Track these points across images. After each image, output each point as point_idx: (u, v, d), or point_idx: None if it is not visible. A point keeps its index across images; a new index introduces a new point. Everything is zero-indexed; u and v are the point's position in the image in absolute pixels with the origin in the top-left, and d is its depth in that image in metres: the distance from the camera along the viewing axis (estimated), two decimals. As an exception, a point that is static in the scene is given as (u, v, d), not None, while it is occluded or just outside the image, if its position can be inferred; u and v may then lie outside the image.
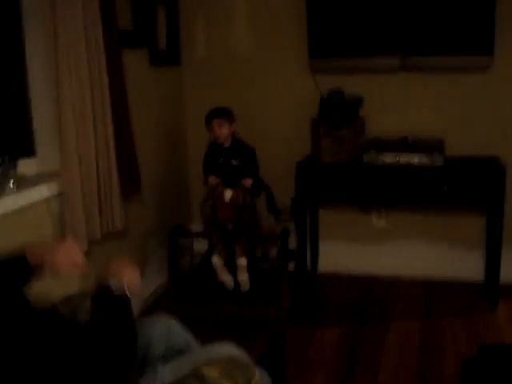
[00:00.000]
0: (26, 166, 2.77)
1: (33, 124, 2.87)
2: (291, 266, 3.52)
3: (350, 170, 3.52)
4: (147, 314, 3.53)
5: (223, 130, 3.34)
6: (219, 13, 3.97)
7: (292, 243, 3.48)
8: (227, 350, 1.92)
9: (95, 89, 2.80)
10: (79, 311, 2.05)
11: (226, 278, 3.26)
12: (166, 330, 2.08)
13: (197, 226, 4.10)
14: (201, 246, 3.80)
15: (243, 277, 3.25)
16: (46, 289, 1.83)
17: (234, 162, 3.36)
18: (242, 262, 3.22)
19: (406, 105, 3.77)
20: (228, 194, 3.15)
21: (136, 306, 3.50)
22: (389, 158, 3.44)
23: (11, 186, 2.51)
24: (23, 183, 2.61)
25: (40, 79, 2.81)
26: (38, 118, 2.86)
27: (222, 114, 3.35)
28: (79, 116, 2.72)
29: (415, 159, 3.40)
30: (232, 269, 3.28)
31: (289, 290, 3.35)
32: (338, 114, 3.58)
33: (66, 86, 2.64)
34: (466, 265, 3.89)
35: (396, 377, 2.87)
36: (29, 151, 2.87)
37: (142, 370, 1.89)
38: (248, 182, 3.23)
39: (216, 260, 3.24)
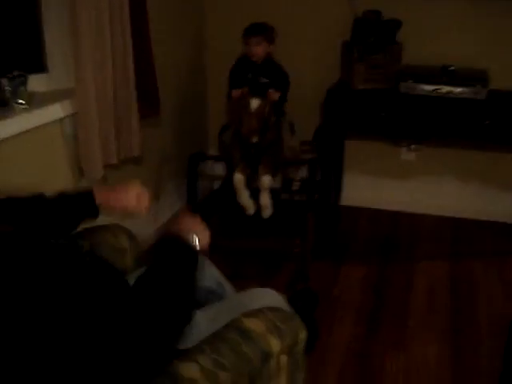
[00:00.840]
0: (36, 83, 2.53)
1: (44, 36, 2.61)
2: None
3: (384, 99, 3.26)
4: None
5: (260, 48, 3.13)
6: None
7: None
8: (268, 297, 1.74)
9: (114, 3, 2.53)
10: (103, 246, 1.90)
11: (247, 200, 3.04)
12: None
13: (215, 152, 3.90)
14: (220, 171, 3.62)
15: (266, 199, 3.01)
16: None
17: (264, 80, 3.14)
18: (266, 180, 2.98)
19: (448, 31, 3.46)
20: (255, 102, 2.93)
21: (153, 233, 3.35)
22: (427, 88, 3.18)
23: (21, 104, 2.29)
24: (34, 101, 2.39)
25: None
26: (49, 30, 2.59)
27: (262, 31, 3.13)
28: (95, 27, 2.46)
29: (456, 90, 3.14)
30: (253, 196, 3.08)
31: (314, 223, 3.18)
32: (373, 37, 3.30)
33: (83, 2, 2.38)
34: (499, 205, 3.70)
35: (426, 323, 2.73)
36: (40, 66, 2.63)
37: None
38: (275, 95, 3.03)
39: (238, 177, 3.00)
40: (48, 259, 1.25)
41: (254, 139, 2.92)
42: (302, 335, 1.57)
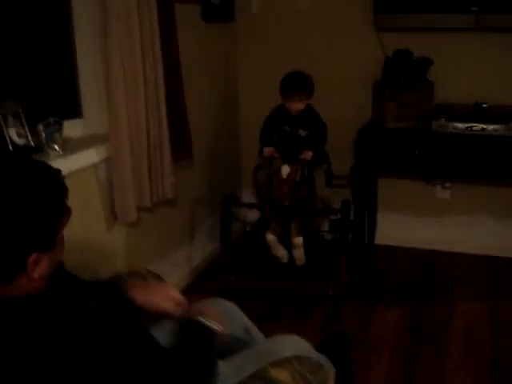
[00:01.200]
0: (72, 128, 2.58)
1: (79, 83, 2.68)
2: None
3: (416, 137, 3.24)
4: (198, 282, 3.40)
5: (302, 105, 3.05)
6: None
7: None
8: (294, 345, 1.71)
9: (146, 45, 2.58)
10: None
11: (281, 253, 3.05)
12: (224, 317, 1.89)
13: (247, 195, 3.92)
14: (252, 215, 3.63)
15: (299, 253, 3.03)
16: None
17: (302, 133, 3.05)
18: (298, 240, 2.99)
19: (479, 68, 3.44)
20: (285, 170, 2.87)
21: (185, 275, 3.37)
22: (460, 126, 3.15)
23: (57, 149, 2.34)
24: (69, 146, 2.44)
25: (87, 35, 2.60)
26: (84, 77, 2.66)
27: (303, 87, 3.02)
28: (129, 75, 2.52)
29: (489, 128, 3.11)
30: (287, 245, 3.07)
31: (347, 264, 3.15)
32: (404, 76, 3.31)
33: (115, 43, 2.43)
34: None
35: (464, 363, 2.65)
36: (75, 112, 2.69)
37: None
38: (309, 155, 2.94)
39: (270, 237, 3.02)
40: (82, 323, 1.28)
41: (286, 203, 2.89)
42: (330, 383, 1.54)
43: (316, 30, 3.69)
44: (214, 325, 1.55)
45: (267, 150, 3.02)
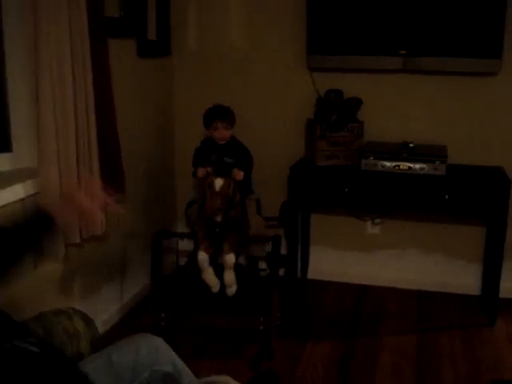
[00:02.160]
0: (0, 162, 2.55)
1: (9, 117, 2.64)
2: (280, 273, 3.33)
3: (346, 175, 3.34)
4: (129, 319, 3.36)
5: (227, 133, 3.16)
6: (213, 1, 3.74)
7: (281, 249, 3.28)
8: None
9: (78, 81, 2.58)
10: (53, 331, 1.87)
11: (212, 278, 3.03)
12: (151, 353, 1.89)
13: (182, 228, 3.91)
14: (186, 246, 3.62)
15: (230, 277, 3.01)
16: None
17: (228, 160, 3.16)
18: (230, 258, 2.98)
19: (407, 108, 3.58)
20: (219, 182, 2.95)
21: (116, 311, 3.33)
22: (388, 165, 3.26)
23: (-17, 184, 2.30)
24: (-4, 181, 2.41)
25: (18, 68, 2.57)
26: (15, 111, 2.63)
27: (227, 115, 3.15)
28: (59, 110, 2.51)
29: (416, 167, 3.23)
30: (218, 272, 3.06)
31: (279, 299, 3.17)
32: (335, 115, 3.40)
33: (47, 77, 2.42)
34: (462, 277, 3.74)
35: (391, 399, 2.70)
36: (4, 146, 2.65)
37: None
38: (240, 174, 3.03)
39: (202, 255, 3.01)
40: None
41: (218, 218, 2.95)
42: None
43: (251, 68, 3.76)
44: None
45: (201, 170, 3.10)
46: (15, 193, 2.44)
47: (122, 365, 1.83)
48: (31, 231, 1.80)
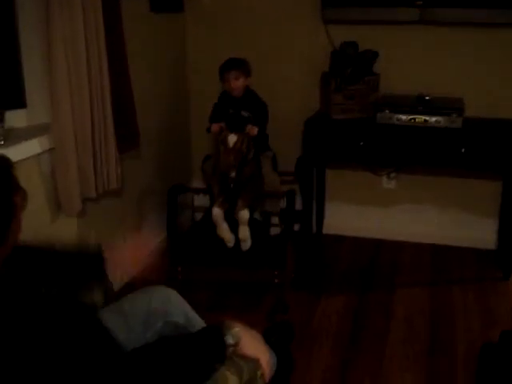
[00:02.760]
0: (15, 119, 2.57)
1: (23, 73, 2.64)
2: (296, 228, 3.35)
3: (362, 129, 3.31)
4: (144, 276, 3.39)
5: (239, 83, 3.16)
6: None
7: (296, 205, 3.29)
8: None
9: (90, 35, 2.56)
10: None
11: (227, 233, 3.06)
12: (164, 303, 1.92)
13: (198, 184, 3.93)
14: (202, 201, 3.64)
15: (244, 232, 3.04)
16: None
17: (244, 114, 3.16)
18: (244, 214, 3.00)
19: (424, 61, 3.52)
20: (232, 138, 2.95)
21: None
22: (404, 118, 3.23)
23: (-2, 140, 2.32)
24: (12, 137, 2.43)
25: (30, 24, 2.57)
26: (28, 66, 2.63)
27: (239, 65, 3.16)
28: (73, 65, 2.50)
29: (432, 120, 3.19)
30: (233, 228, 3.09)
31: (294, 254, 3.20)
32: (350, 68, 3.35)
33: (59, 33, 2.41)
34: (478, 231, 3.73)
35: (404, 351, 2.73)
36: (18, 102, 2.66)
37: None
38: (254, 130, 3.02)
39: (216, 211, 3.03)
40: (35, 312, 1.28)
41: (232, 174, 2.95)
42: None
43: (264, 21, 3.71)
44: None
45: (215, 125, 3.11)
46: (31, 148, 2.47)
47: (134, 315, 1.86)
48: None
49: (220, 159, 2.99)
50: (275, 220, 3.39)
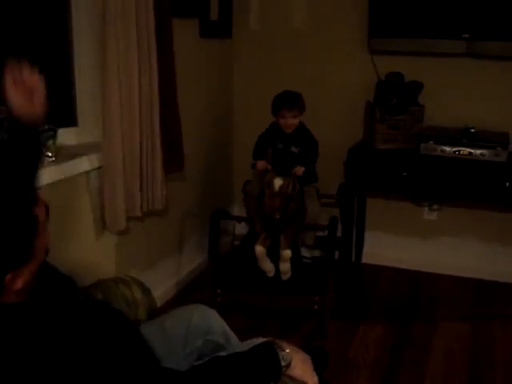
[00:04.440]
0: (66, 136, 2.64)
1: (75, 92, 2.73)
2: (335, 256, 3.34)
3: (405, 159, 3.30)
4: (185, 294, 3.43)
5: (296, 121, 3.12)
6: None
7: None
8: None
9: (142, 59, 2.63)
10: (112, 297, 1.93)
11: (268, 266, 3.08)
12: (204, 321, 1.93)
13: (237, 209, 3.96)
14: (241, 228, 3.67)
15: (286, 267, 3.06)
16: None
17: (294, 149, 3.13)
18: (287, 254, 3.01)
19: (469, 93, 3.51)
20: (278, 182, 2.91)
21: (173, 286, 3.40)
22: (448, 150, 3.21)
23: (50, 156, 2.38)
24: (63, 154, 2.49)
25: (85, 46, 2.65)
26: (81, 87, 2.72)
27: (294, 103, 3.09)
28: (124, 86, 2.57)
29: (477, 152, 3.17)
30: (274, 258, 3.10)
31: (333, 281, 3.19)
32: (395, 98, 3.37)
33: (113, 55, 2.49)
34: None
35: (444, 384, 2.69)
36: (70, 120, 2.74)
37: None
38: (300, 170, 2.98)
39: (259, 249, 3.04)
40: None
41: (277, 216, 2.93)
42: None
43: (312, 50, 3.76)
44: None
45: (261, 163, 3.06)
46: (80, 166, 2.53)
47: (174, 331, 1.88)
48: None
49: (264, 201, 2.96)
50: (304, 252, 3.42)
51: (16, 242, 1.22)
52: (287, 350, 1.53)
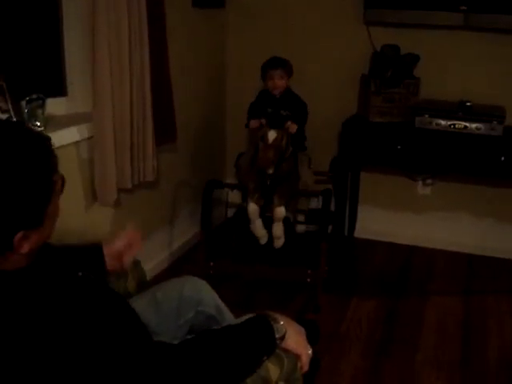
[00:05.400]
0: (55, 106, 2.59)
1: (65, 62, 2.67)
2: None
3: (400, 132, 3.27)
4: (177, 266, 3.41)
5: (283, 82, 3.12)
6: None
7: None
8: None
9: (133, 27, 2.58)
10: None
11: (260, 230, 3.06)
12: (196, 292, 1.91)
13: (232, 180, 3.92)
14: (235, 198, 3.64)
15: (279, 229, 3.03)
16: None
17: (283, 113, 3.13)
18: (281, 211, 2.98)
19: (466, 67, 3.46)
20: (272, 134, 2.91)
21: (165, 258, 3.38)
22: (443, 123, 3.18)
23: (38, 125, 2.34)
24: (52, 124, 2.45)
25: (75, 13, 2.59)
26: (70, 56, 2.66)
27: (284, 64, 3.12)
28: (114, 56, 2.52)
29: (472, 126, 3.14)
30: (266, 225, 3.08)
31: (326, 254, 3.17)
32: (391, 71, 3.32)
33: (103, 24, 2.43)
34: (514, 242, 3.66)
35: (435, 358, 2.68)
36: (59, 90, 2.69)
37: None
38: (294, 127, 2.99)
39: (252, 207, 3.02)
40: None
41: (270, 170, 2.92)
42: (301, 363, 1.58)
43: (306, 20, 3.69)
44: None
45: (254, 121, 3.08)
46: (70, 136, 2.49)
47: (166, 302, 1.87)
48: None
49: (258, 155, 2.96)
50: (300, 218, 3.38)
51: (32, 203, 1.23)
52: (281, 322, 1.52)
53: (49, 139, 1.33)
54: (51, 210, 1.29)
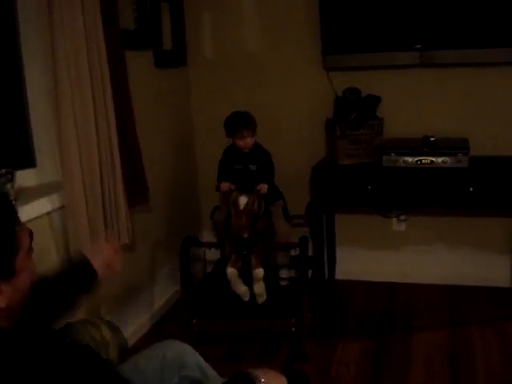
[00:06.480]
0: (25, 178, 2.59)
1: (32, 133, 2.68)
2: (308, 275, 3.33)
3: (369, 173, 3.32)
4: (159, 327, 3.38)
5: (253, 139, 3.13)
6: (227, 9, 3.76)
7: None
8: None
9: (97, 93, 2.61)
10: (81, 339, 1.90)
11: (242, 289, 3.07)
12: (179, 357, 1.90)
13: (208, 235, 3.94)
14: (213, 255, 3.64)
15: (260, 288, 3.05)
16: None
17: (252, 168, 3.15)
18: (259, 273, 3.01)
19: (426, 103, 3.55)
20: (243, 200, 2.93)
21: (147, 320, 3.35)
22: (410, 160, 3.24)
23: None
24: (23, 196, 2.44)
25: (38, 85, 2.61)
26: (37, 126, 2.67)
27: (250, 123, 3.11)
28: (81, 123, 2.53)
29: (438, 160, 3.20)
30: (247, 280, 3.08)
31: (308, 301, 3.17)
32: (354, 114, 3.39)
33: (66, 92, 2.45)
34: (491, 270, 3.69)
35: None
36: (28, 161, 2.69)
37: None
38: (264, 188, 3.01)
39: (231, 271, 3.03)
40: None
41: (245, 235, 2.93)
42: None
43: (267, 72, 3.77)
44: None
45: (224, 185, 3.09)
46: (42, 207, 2.48)
47: (149, 370, 1.85)
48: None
49: (231, 221, 2.97)
50: (283, 273, 3.41)
51: None
52: (262, 380, 1.51)
53: (5, 195, 1.35)
54: (20, 262, 1.30)
